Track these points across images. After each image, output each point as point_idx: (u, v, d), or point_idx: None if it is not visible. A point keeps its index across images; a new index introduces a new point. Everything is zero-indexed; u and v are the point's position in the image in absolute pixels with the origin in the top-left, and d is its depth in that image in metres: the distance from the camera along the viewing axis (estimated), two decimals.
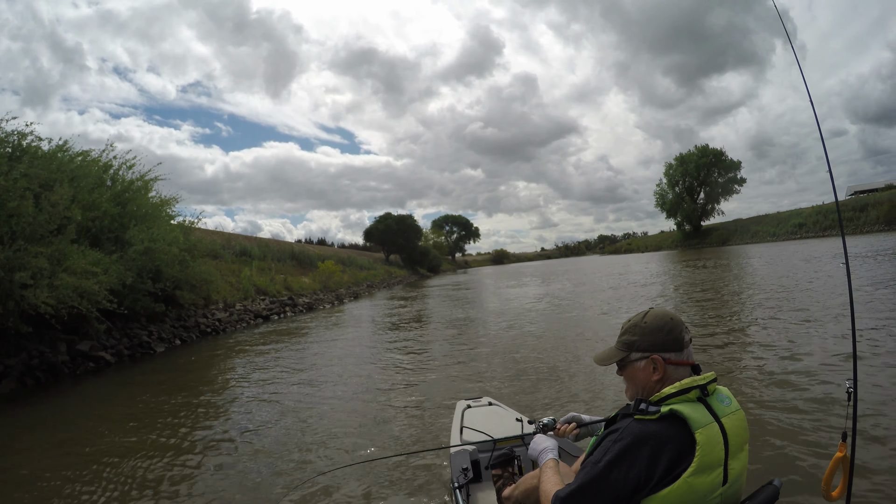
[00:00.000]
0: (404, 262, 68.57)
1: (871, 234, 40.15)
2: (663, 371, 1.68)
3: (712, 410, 1.59)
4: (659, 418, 1.55)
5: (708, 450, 1.50)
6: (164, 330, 12.54)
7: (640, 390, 1.74)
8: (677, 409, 1.54)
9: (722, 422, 1.57)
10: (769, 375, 5.73)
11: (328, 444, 4.90)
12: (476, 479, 2.69)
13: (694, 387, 1.60)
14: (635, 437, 1.54)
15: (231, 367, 9.26)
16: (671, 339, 1.69)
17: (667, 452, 1.51)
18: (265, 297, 20.29)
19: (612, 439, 1.60)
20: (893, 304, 8.75)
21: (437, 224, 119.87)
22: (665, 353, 1.69)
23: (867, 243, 26.56)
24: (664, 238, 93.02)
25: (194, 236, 14.95)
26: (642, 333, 1.73)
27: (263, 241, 33.64)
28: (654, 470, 1.50)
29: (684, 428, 1.52)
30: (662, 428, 1.54)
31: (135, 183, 12.83)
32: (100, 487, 4.24)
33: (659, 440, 1.52)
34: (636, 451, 1.53)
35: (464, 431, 3.42)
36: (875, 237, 35.00)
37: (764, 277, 16.72)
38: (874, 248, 22.73)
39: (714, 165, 74.45)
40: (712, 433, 1.53)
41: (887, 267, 14.39)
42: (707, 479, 1.51)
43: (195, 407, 6.63)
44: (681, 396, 1.59)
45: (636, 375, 1.75)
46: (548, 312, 13.78)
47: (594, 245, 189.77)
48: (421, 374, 7.49)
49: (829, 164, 2.33)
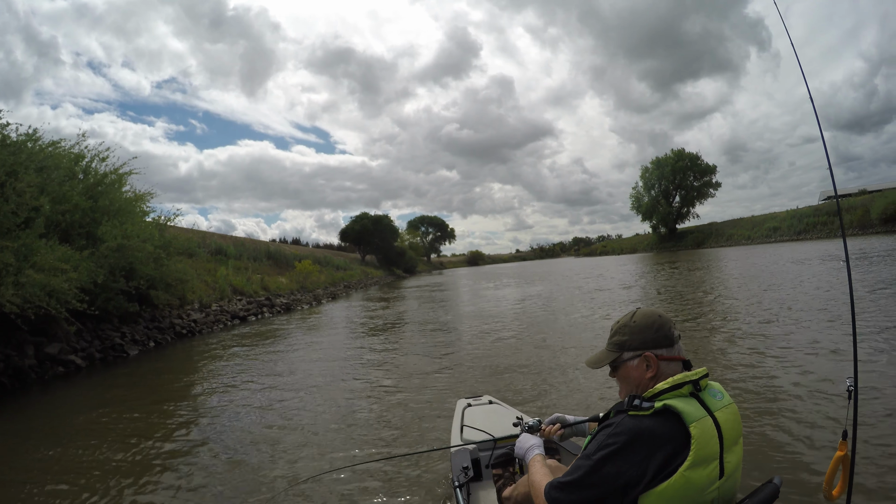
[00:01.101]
0: (380, 263, 67.95)
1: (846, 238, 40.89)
2: (657, 368, 1.69)
3: (705, 405, 1.60)
4: (653, 413, 1.55)
5: (703, 443, 1.51)
6: (138, 331, 11.90)
7: (635, 388, 1.74)
8: (671, 403, 1.55)
9: (715, 416, 1.59)
10: (768, 374, 5.73)
11: (319, 446, 4.70)
12: (476, 477, 2.67)
13: (686, 382, 1.61)
14: (629, 432, 1.54)
15: (209, 372, 8.68)
16: (661, 336, 1.72)
17: (661, 448, 1.51)
18: (242, 298, 19.65)
19: (606, 433, 1.60)
20: (883, 306, 8.90)
21: (413, 225, 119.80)
22: (657, 350, 1.71)
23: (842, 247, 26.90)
24: (639, 240, 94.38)
25: (169, 233, 14.29)
26: (633, 332, 1.75)
27: (239, 239, 32.77)
28: (647, 466, 1.51)
29: (678, 422, 1.53)
30: (656, 423, 1.54)
31: (108, 176, 12.11)
32: None
33: (653, 436, 1.52)
34: (630, 446, 1.53)
35: (464, 430, 3.37)
36: (849, 241, 35.67)
37: (753, 278, 16.89)
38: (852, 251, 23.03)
39: (689, 169, 75.94)
40: (706, 427, 1.54)
41: (876, 270, 14.56)
42: (703, 472, 1.51)
43: (173, 416, 6.13)
44: (674, 392, 1.60)
45: (630, 374, 1.76)
46: (533, 315, 13.58)
47: (569, 247, 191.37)
48: (407, 379, 7.13)
49: (829, 163, 2.35)
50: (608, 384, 5.71)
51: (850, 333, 2.06)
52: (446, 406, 5.46)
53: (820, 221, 53.92)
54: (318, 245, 75.53)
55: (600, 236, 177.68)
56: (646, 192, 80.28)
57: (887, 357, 5.80)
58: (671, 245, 75.71)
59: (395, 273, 68.44)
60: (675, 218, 79.41)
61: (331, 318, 17.05)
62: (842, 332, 7.39)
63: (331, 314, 18.75)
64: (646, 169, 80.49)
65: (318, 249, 61.99)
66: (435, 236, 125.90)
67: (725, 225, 73.18)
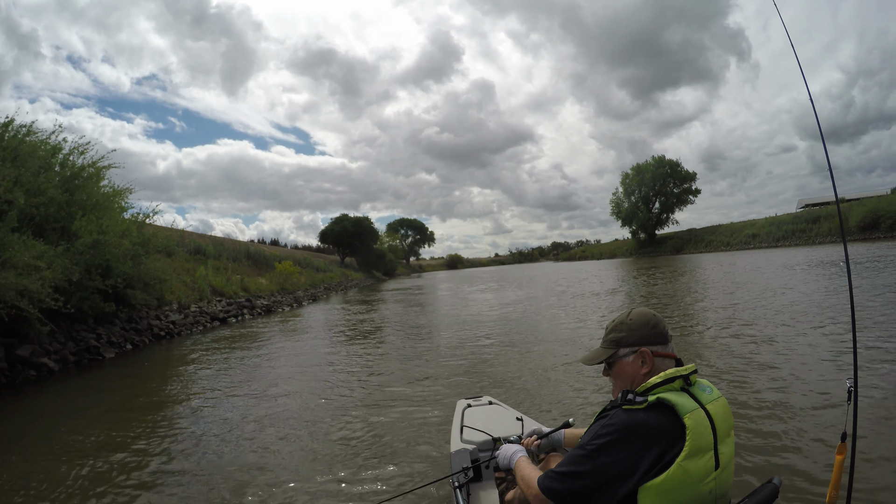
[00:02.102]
0: (360, 265, 67.23)
1: (824, 245, 41.92)
2: (651, 364, 1.73)
3: (696, 398, 1.63)
4: (647, 407, 1.58)
5: (697, 433, 1.53)
6: (114, 333, 11.33)
7: (629, 384, 1.76)
8: (664, 396, 1.58)
9: (707, 408, 1.61)
10: (768, 375, 5.76)
11: (316, 460, 4.39)
12: (477, 478, 2.64)
13: (678, 376, 1.65)
14: (624, 425, 1.57)
15: (188, 380, 8.12)
16: (657, 333, 1.77)
17: (656, 441, 1.53)
18: (221, 299, 19.04)
19: (601, 424, 1.63)
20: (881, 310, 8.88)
21: (393, 227, 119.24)
22: (652, 347, 1.75)
23: (824, 253, 27.30)
24: (618, 246, 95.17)
25: (147, 231, 13.70)
26: (629, 329, 1.80)
27: (218, 239, 31.86)
28: (641, 457, 1.53)
29: (672, 414, 1.56)
30: (650, 416, 1.57)
31: (86, 169, 11.50)
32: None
33: (647, 428, 1.55)
34: (625, 438, 1.55)
35: (464, 431, 3.33)
36: (828, 248, 36.27)
37: (743, 283, 16.95)
38: (833, 258, 23.29)
39: (670, 176, 76.92)
40: (700, 418, 1.56)
41: (868, 276, 14.59)
42: (700, 462, 1.53)
43: (147, 431, 5.49)
44: (666, 385, 1.63)
45: (625, 370, 1.78)
46: (520, 320, 13.29)
47: (548, 252, 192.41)
48: (398, 387, 6.74)
49: (829, 165, 2.33)
50: (591, 386, 5.60)
51: (849, 333, 1.94)
52: (432, 416, 5.29)
53: (798, 229, 55.09)
54: (297, 246, 74.38)
55: (579, 241, 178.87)
56: (626, 197, 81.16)
57: (888, 360, 5.77)
58: (650, 250, 76.55)
59: (374, 275, 67.76)
60: (655, 224, 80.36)
61: (313, 322, 16.52)
62: (841, 335, 7.41)
63: (313, 317, 18.25)
64: (626, 175, 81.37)
65: (298, 251, 61.02)
66: (414, 239, 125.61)
67: (704, 231, 74.20)
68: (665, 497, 1.51)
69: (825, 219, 51.95)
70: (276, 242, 66.83)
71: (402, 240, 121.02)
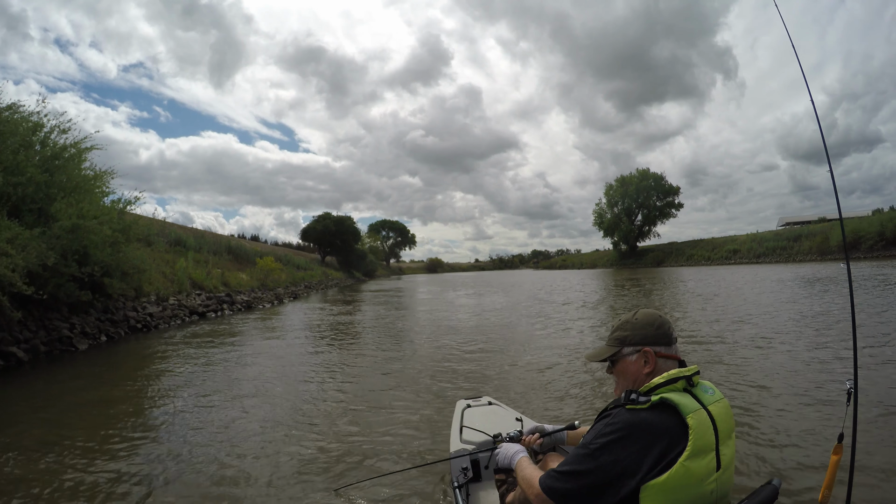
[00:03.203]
0: (340, 265, 66.60)
1: (805, 264, 42.44)
2: (654, 364, 1.73)
3: (698, 399, 1.62)
4: (650, 407, 1.58)
5: (700, 433, 1.53)
6: (89, 323, 10.79)
7: (631, 383, 1.76)
8: (667, 397, 1.58)
9: (709, 409, 1.61)
10: (768, 377, 5.81)
11: (297, 467, 4.07)
12: (476, 478, 2.64)
13: (681, 377, 1.65)
14: (627, 424, 1.56)
15: (164, 377, 7.55)
16: (661, 334, 1.77)
17: (659, 440, 1.53)
18: (201, 292, 18.45)
19: (604, 423, 1.63)
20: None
21: (374, 228, 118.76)
22: (656, 347, 1.76)
23: (809, 271, 27.50)
24: (599, 256, 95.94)
25: (128, 219, 13.13)
26: (634, 328, 1.81)
27: (199, 231, 31.09)
28: (644, 456, 1.52)
29: (675, 414, 1.56)
30: (654, 416, 1.57)
31: (67, 149, 10.93)
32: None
33: (651, 427, 1.55)
34: (628, 437, 1.54)
35: (463, 431, 3.33)
36: (811, 266, 36.69)
37: (736, 294, 17.02)
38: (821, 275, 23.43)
39: (654, 189, 77.57)
40: (702, 418, 1.56)
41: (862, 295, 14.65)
42: (702, 463, 1.53)
43: (118, 432, 5.03)
44: (669, 386, 1.62)
45: (628, 369, 1.79)
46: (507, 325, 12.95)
47: (528, 259, 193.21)
48: (383, 391, 6.39)
49: (832, 174, 2.30)
50: (586, 387, 5.19)
51: (848, 338, 1.83)
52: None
53: (780, 246, 55.75)
54: (278, 243, 73.38)
55: (559, 250, 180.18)
56: (609, 208, 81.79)
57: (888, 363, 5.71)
58: (631, 262, 77.23)
59: (354, 276, 67.17)
60: (637, 236, 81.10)
61: (295, 320, 15.98)
62: (839, 340, 7.40)
63: (294, 315, 17.71)
64: (610, 186, 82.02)
65: (279, 247, 60.15)
66: (395, 241, 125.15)
67: (686, 245, 74.92)
68: (667, 496, 1.51)
69: (807, 237, 52.72)
70: (257, 238, 66.00)
71: (383, 241, 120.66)
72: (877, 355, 6.50)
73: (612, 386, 1.89)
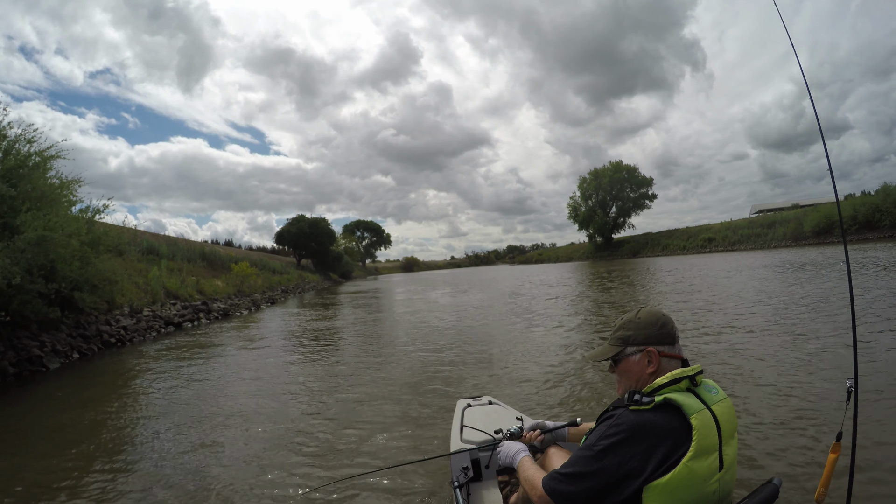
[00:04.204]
0: (316, 267, 65.72)
1: (780, 250, 43.12)
2: (658, 364, 1.72)
3: (702, 399, 1.62)
4: (654, 408, 1.58)
5: (704, 434, 1.53)
6: (60, 340, 10.23)
7: (634, 383, 1.75)
8: (671, 397, 1.57)
9: (712, 409, 1.60)
10: (768, 375, 5.79)
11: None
12: (477, 478, 2.62)
13: (684, 377, 1.65)
14: (631, 425, 1.55)
15: (141, 397, 7.13)
16: (665, 333, 1.77)
17: (663, 441, 1.52)
18: (176, 302, 17.83)
19: (607, 425, 1.61)
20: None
21: (349, 229, 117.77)
22: (659, 347, 1.75)
23: (787, 257, 27.85)
24: (575, 249, 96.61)
25: (98, 229, 12.54)
26: (637, 328, 1.79)
27: (172, 239, 30.12)
28: (648, 457, 1.51)
29: (679, 415, 1.55)
30: (658, 417, 1.56)
31: (32, 158, 10.31)
32: None
33: (655, 428, 1.54)
34: (632, 438, 1.53)
35: (464, 430, 3.28)
36: (786, 252, 37.20)
37: (726, 284, 16.96)
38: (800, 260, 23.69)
39: (627, 181, 78.33)
40: (706, 418, 1.56)
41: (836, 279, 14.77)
42: (705, 463, 1.52)
43: (94, 459, 4.76)
44: (672, 386, 1.62)
45: (631, 369, 1.77)
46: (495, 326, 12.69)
47: (503, 255, 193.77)
48: (372, 403, 6.09)
49: (829, 164, 2.29)
50: (585, 387, 5.05)
51: (847, 333, 1.72)
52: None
53: (754, 233, 56.80)
54: (252, 248, 71.95)
55: (534, 245, 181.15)
56: (584, 201, 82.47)
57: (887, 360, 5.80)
58: (607, 254, 77.96)
59: (331, 278, 66.42)
60: (612, 228, 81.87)
61: (274, 328, 15.47)
62: (839, 333, 7.47)
63: (273, 322, 17.22)
64: (584, 179, 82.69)
65: (253, 252, 58.93)
66: (371, 241, 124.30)
67: (661, 235, 75.89)
68: (670, 497, 1.50)
69: (780, 224, 53.71)
70: (231, 244, 64.46)
71: (358, 242, 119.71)
72: (876, 355, 6.47)
73: (608, 385, 1.97)
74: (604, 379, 6.09)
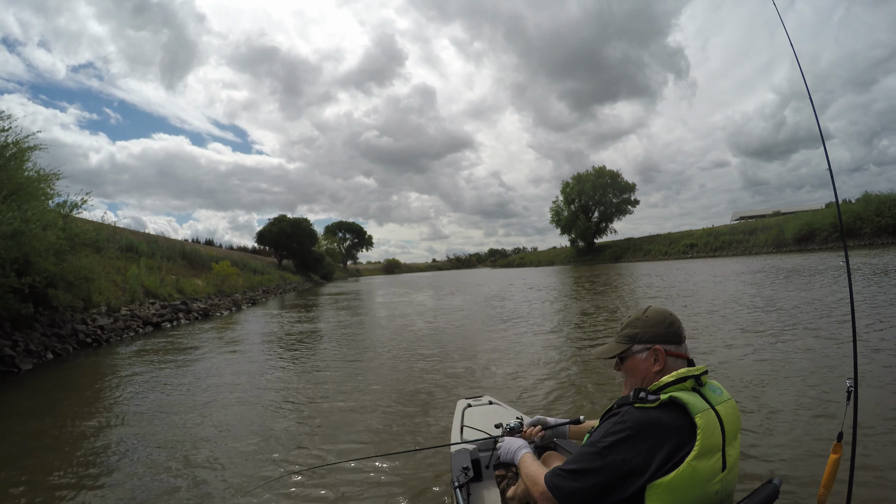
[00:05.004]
0: (297, 268, 65.03)
1: (762, 256, 43.62)
2: (664, 362, 1.71)
3: (707, 399, 1.61)
4: (659, 406, 1.56)
5: (708, 433, 1.52)
6: (34, 339, 9.78)
7: (640, 381, 1.74)
8: (676, 396, 1.56)
9: (717, 409, 1.59)
10: (767, 375, 5.80)
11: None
12: (477, 478, 2.57)
13: (690, 376, 1.64)
14: (637, 423, 1.54)
15: (121, 399, 6.76)
16: (671, 332, 1.75)
17: (668, 439, 1.51)
18: (155, 301, 17.32)
19: (612, 422, 1.60)
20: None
21: (331, 230, 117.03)
22: (666, 345, 1.73)
23: (772, 263, 28.07)
24: (557, 253, 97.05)
25: (75, 225, 12.07)
26: (644, 326, 1.78)
27: (152, 236, 29.37)
28: (653, 455, 1.50)
29: (683, 414, 1.54)
30: (663, 415, 1.55)
31: (9, 148, 9.84)
32: None
33: (660, 426, 1.53)
34: (637, 436, 1.53)
35: (464, 430, 3.31)
36: (769, 258, 37.59)
37: (719, 289, 16.95)
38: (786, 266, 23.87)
39: (610, 186, 78.77)
40: (710, 418, 1.55)
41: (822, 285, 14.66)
42: (708, 463, 1.52)
43: (74, 462, 4.51)
44: (678, 385, 1.61)
45: (637, 367, 1.76)
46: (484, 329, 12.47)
47: (485, 258, 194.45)
48: (361, 413, 5.76)
49: (829, 164, 2.28)
50: (584, 388, 4.92)
51: (847, 332, 1.65)
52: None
53: (735, 240, 57.32)
54: (233, 247, 70.88)
55: (516, 248, 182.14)
56: (566, 206, 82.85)
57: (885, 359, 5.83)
58: (589, 259, 78.37)
59: (312, 279, 65.75)
60: (594, 232, 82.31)
61: (255, 329, 15.02)
62: (838, 333, 7.50)
63: (254, 323, 16.77)
64: (567, 184, 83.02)
65: (234, 252, 57.97)
66: (352, 243, 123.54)
67: (643, 240, 76.50)
68: (673, 496, 1.49)
69: (762, 230, 54.31)
70: (211, 243, 63.40)
71: (339, 243, 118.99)
72: (877, 350, 6.49)
73: (605, 386, 1.92)
74: (598, 380, 6.02)
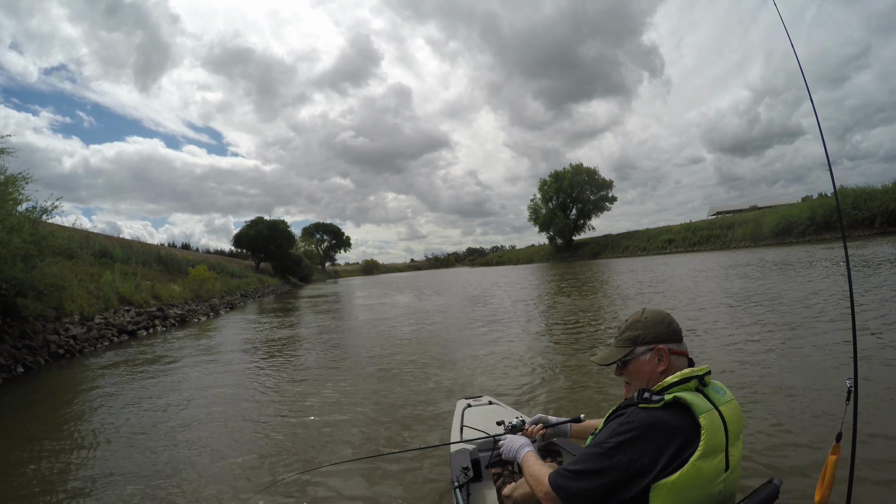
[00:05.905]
0: (275, 271, 64.07)
1: (740, 250, 44.20)
2: (668, 361, 1.71)
3: (710, 399, 1.62)
4: (663, 406, 1.57)
5: (712, 433, 1.52)
6: (3, 352, 9.27)
7: (645, 383, 1.73)
8: (680, 396, 1.57)
9: (720, 409, 1.60)
10: (767, 374, 5.79)
11: None
12: (476, 478, 2.58)
13: (693, 376, 1.64)
14: (642, 423, 1.54)
15: (97, 413, 6.42)
16: (672, 331, 1.76)
17: (673, 439, 1.52)
18: (130, 308, 16.73)
19: (618, 422, 1.60)
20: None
21: (308, 232, 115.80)
22: (669, 344, 1.74)
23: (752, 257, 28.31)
24: (535, 251, 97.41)
25: (45, 229, 11.57)
26: (645, 327, 1.77)
27: (126, 241, 28.47)
28: (659, 455, 1.51)
29: (688, 414, 1.55)
30: (668, 415, 1.55)
31: None
32: None
33: (665, 426, 1.53)
34: (643, 436, 1.53)
35: (464, 430, 3.29)
36: (746, 252, 38.03)
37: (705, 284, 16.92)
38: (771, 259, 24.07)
39: (587, 183, 79.29)
40: (714, 418, 1.56)
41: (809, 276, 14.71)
42: (712, 463, 1.52)
43: (50, 483, 4.24)
44: (682, 385, 1.61)
45: (641, 368, 1.75)
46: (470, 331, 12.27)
47: (463, 257, 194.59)
48: (351, 426, 5.56)
49: (828, 160, 2.27)
50: (583, 389, 4.81)
51: (848, 333, 1.88)
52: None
53: (713, 234, 58.34)
54: (210, 251, 69.46)
55: (494, 247, 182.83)
56: (544, 203, 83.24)
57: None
58: (568, 256, 78.84)
59: (290, 281, 64.87)
60: (572, 229, 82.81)
61: (234, 335, 14.55)
62: (837, 332, 7.47)
63: (232, 329, 16.31)
64: (544, 182, 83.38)
65: (211, 255, 56.72)
66: (330, 244, 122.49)
67: (621, 237, 77.18)
68: (677, 496, 1.49)
69: (739, 225, 55.19)
70: (188, 247, 62.06)
71: (317, 245, 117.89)
72: (876, 354, 6.45)
73: (603, 385, 1.87)
74: (597, 380, 5.97)
